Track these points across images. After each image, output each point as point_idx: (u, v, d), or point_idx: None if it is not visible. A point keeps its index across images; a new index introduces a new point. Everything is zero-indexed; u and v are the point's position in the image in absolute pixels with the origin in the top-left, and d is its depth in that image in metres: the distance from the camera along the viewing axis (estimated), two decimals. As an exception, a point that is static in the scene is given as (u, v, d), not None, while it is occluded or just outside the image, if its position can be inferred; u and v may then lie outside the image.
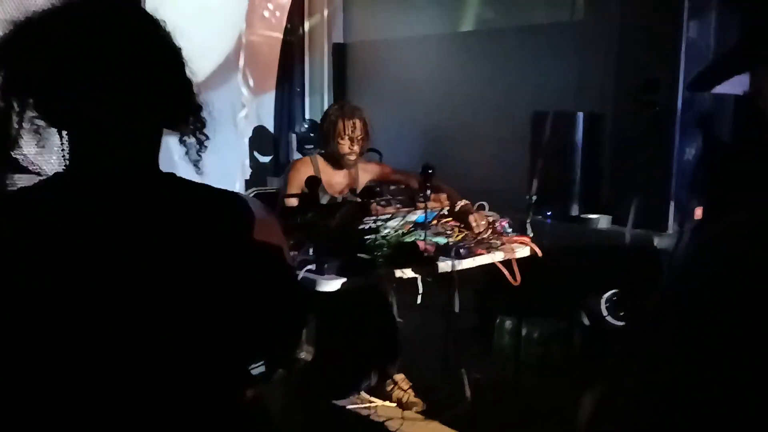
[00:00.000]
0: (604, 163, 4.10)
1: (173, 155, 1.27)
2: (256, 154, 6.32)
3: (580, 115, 4.13)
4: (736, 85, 0.81)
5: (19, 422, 1.07)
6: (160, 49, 1.14)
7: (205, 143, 1.25)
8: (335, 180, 3.43)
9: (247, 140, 6.23)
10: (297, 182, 3.29)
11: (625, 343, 0.79)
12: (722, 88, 0.85)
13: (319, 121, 3.64)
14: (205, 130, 1.25)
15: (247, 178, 6.20)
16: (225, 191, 1.22)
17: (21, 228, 1.07)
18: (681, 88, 3.29)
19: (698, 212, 3.13)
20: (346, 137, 3.35)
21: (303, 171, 3.34)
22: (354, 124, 3.36)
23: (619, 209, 3.82)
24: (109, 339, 1.08)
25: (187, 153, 1.24)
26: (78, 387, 1.07)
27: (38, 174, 1.23)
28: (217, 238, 1.16)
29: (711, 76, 0.88)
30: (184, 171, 1.22)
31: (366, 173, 3.52)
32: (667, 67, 3.36)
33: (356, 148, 3.37)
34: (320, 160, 3.44)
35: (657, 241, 3.53)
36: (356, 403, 3.39)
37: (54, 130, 1.13)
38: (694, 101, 3.28)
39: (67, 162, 1.14)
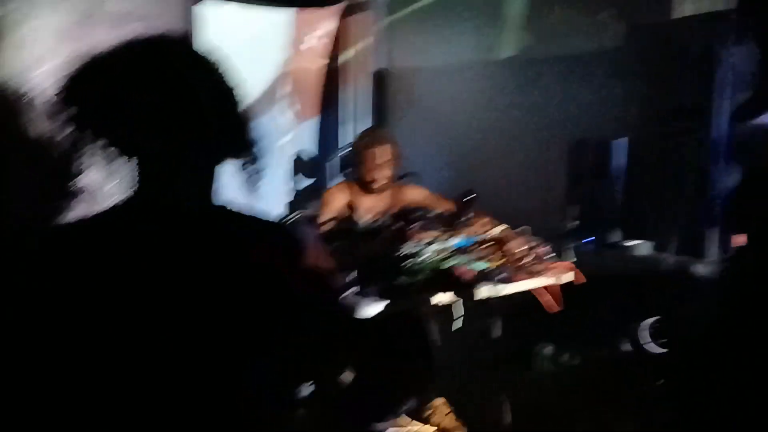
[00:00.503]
0: (645, 190, 4.07)
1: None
2: (300, 177, 6.42)
3: (621, 141, 4.12)
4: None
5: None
6: (220, 87, 1.21)
7: (261, 173, 1.31)
8: (369, 204, 3.48)
9: (291, 164, 6.34)
10: (333, 207, 3.36)
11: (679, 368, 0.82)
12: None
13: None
14: (261, 162, 1.31)
15: (291, 200, 6.29)
16: (272, 223, 1.28)
17: (89, 254, 1.14)
18: (719, 116, 3.28)
19: (738, 239, 3.09)
20: (374, 164, 3.40)
21: (338, 196, 3.41)
22: (382, 151, 3.41)
23: (661, 236, 3.79)
24: (161, 365, 1.13)
25: (243, 183, 1.30)
26: (127, 392, 1.13)
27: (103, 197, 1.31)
28: (262, 269, 1.20)
29: (756, 105, 0.92)
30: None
31: (400, 197, 3.57)
32: (706, 94, 3.35)
33: (385, 173, 3.41)
34: (354, 186, 3.51)
35: (698, 268, 3.49)
36: (396, 427, 3.40)
37: (117, 161, 1.20)
38: (732, 129, 3.26)
39: (130, 192, 1.20)
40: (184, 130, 1.15)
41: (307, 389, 1.45)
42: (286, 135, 6.29)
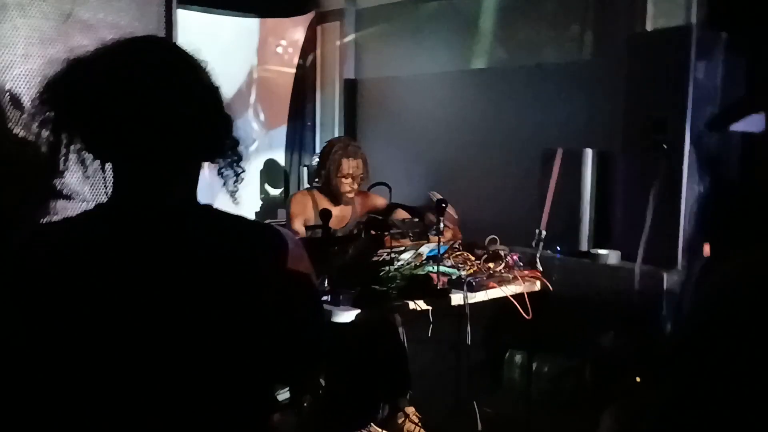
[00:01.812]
0: (613, 200, 4.15)
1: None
2: (267, 186, 6.39)
3: (589, 152, 4.19)
4: (754, 124, 0.87)
5: None
6: (202, 87, 1.20)
7: (242, 175, 1.31)
8: (335, 213, 3.49)
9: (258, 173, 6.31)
10: (300, 215, 3.39)
11: (651, 367, 0.84)
12: (741, 126, 0.90)
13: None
14: (242, 163, 1.31)
15: (257, 210, 6.26)
16: (260, 223, 1.27)
17: (63, 257, 1.12)
18: (688, 128, 3.35)
19: (706, 249, 3.16)
20: (349, 176, 3.44)
21: (304, 204, 3.43)
22: (357, 164, 3.46)
23: (629, 245, 3.85)
24: (142, 364, 1.12)
25: (224, 184, 1.30)
26: (111, 408, 1.11)
27: (83, 201, 1.29)
28: (252, 268, 1.20)
29: (729, 115, 0.94)
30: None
31: (361, 207, 3.61)
32: (675, 106, 3.42)
33: (356, 186, 3.47)
34: (317, 194, 3.52)
35: (666, 278, 3.56)
36: (367, 435, 3.40)
37: (98, 162, 1.18)
38: (701, 140, 3.34)
39: (110, 193, 1.19)
40: (159, 133, 1.14)
41: (282, 395, 1.45)
42: (252, 144, 6.27)
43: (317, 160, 3.67)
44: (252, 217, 5.98)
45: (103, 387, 1.11)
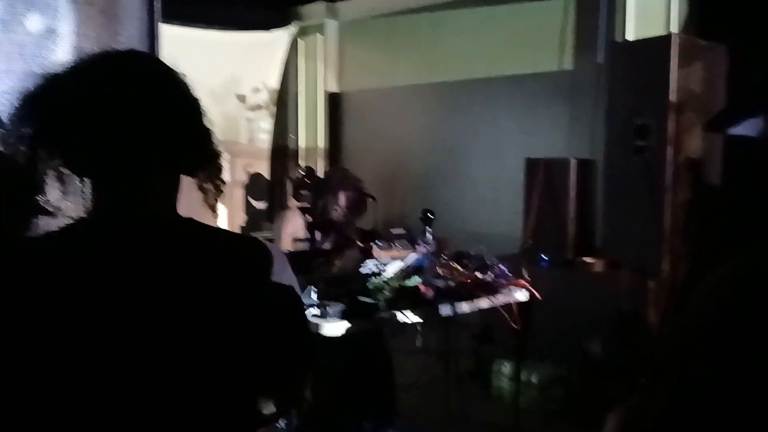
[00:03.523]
0: (597, 208, 4.17)
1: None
2: (251, 200, 6.38)
3: (573, 160, 4.22)
4: (751, 127, 0.87)
5: None
6: (180, 100, 1.19)
7: (222, 188, 1.29)
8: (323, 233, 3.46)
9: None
10: (288, 232, 3.36)
11: (650, 371, 0.84)
12: (739, 130, 0.90)
13: (314, 171, 3.70)
14: (222, 176, 1.30)
15: (243, 224, 6.24)
16: (243, 236, 1.26)
17: (43, 272, 1.11)
18: (670, 134, 3.38)
19: (691, 254, 3.19)
20: (340, 208, 3.40)
21: (294, 221, 3.40)
22: (348, 196, 3.42)
23: (613, 252, 3.87)
24: (125, 379, 1.10)
25: (205, 198, 1.28)
26: (95, 422, 1.10)
27: (65, 216, 1.27)
28: (235, 280, 1.19)
29: (726, 118, 0.95)
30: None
31: (350, 226, 3.56)
32: (656, 113, 3.45)
33: (351, 217, 3.42)
34: (308, 216, 3.48)
35: (651, 284, 3.58)
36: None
37: (77, 178, 1.17)
38: (683, 147, 3.36)
39: (90, 208, 1.17)
40: (138, 147, 1.13)
41: (268, 408, 1.43)
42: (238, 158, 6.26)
43: (304, 175, 3.65)
44: (238, 231, 5.99)
45: (85, 402, 1.09)
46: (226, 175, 1.32)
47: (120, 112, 1.11)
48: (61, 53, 1.80)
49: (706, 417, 0.73)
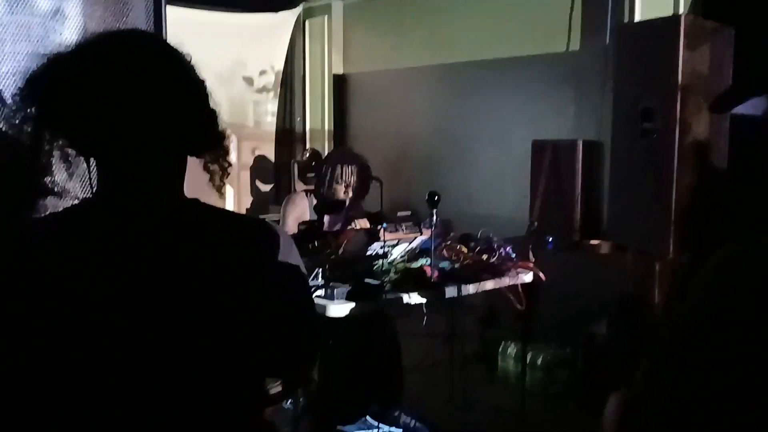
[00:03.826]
0: (603, 190, 4.16)
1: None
2: (257, 182, 6.38)
3: (579, 143, 4.21)
4: (755, 107, 0.87)
5: None
6: (185, 80, 1.19)
7: (228, 170, 1.29)
8: (326, 221, 3.46)
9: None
10: (295, 215, 3.35)
11: (651, 360, 0.84)
12: (743, 109, 0.90)
13: (320, 153, 3.69)
14: (228, 158, 1.30)
15: (249, 207, 6.25)
16: (249, 217, 1.26)
17: (49, 253, 1.11)
18: (678, 116, 3.36)
19: (698, 237, 3.18)
20: (342, 183, 3.39)
21: (300, 204, 3.40)
22: (351, 170, 3.39)
23: (620, 235, 3.87)
24: (132, 360, 1.11)
25: (210, 179, 1.28)
26: (106, 400, 1.11)
27: (72, 197, 1.28)
28: (241, 261, 1.19)
29: (730, 97, 0.94)
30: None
31: (356, 209, 3.55)
32: (664, 95, 3.43)
33: (350, 194, 3.40)
34: (312, 198, 3.48)
35: (656, 267, 3.57)
36: (363, 429, 3.40)
37: (82, 158, 1.17)
38: (690, 129, 3.34)
39: (95, 189, 1.18)
40: (143, 127, 1.13)
41: (274, 389, 1.44)
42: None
43: (308, 156, 3.65)
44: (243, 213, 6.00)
45: (92, 384, 1.10)
46: (232, 158, 1.33)
47: (124, 92, 1.11)
48: (68, 34, 1.80)
49: (707, 409, 0.74)
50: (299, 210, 3.42)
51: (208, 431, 1.17)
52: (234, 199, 6.07)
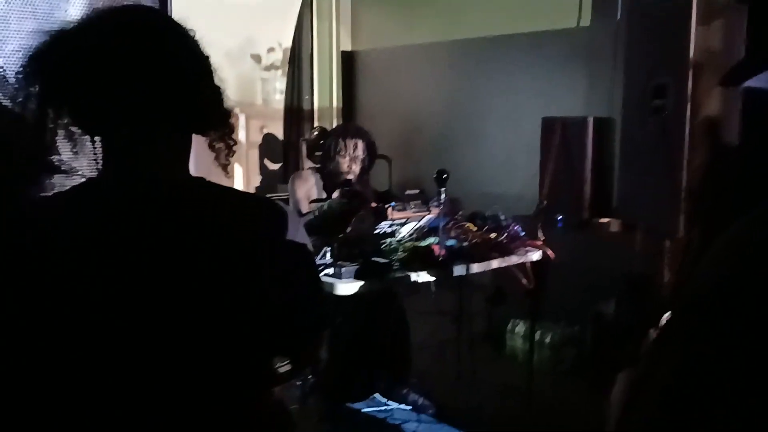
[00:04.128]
0: (614, 168, 4.13)
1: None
2: (266, 161, 6.37)
3: (590, 120, 4.17)
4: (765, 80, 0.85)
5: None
6: (190, 56, 1.17)
7: (234, 148, 1.28)
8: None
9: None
10: (303, 192, 3.35)
11: (659, 337, 0.83)
12: (754, 82, 0.88)
13: (327, 129, 3.67)
14: (234, 136, 1.28)
15: (258, 185, 6.24)
16: (255, 195, 1.25)
17: (55, 232, 1.11)
18: (690, 93, 3.31)
19: (709, 215, 3.15)
20: (347, 156, 3.37)
21: (308, 181, 3.39)
22: (356, 144, 3.38)
23: (629, 213, 3.85)
24: (141, 339, 1.11)
25: (216, 158, 1.27)
26: (111, 380, 1.11)
27: (78, 175, 1.28)
28: (249, 239, 1.18)
29: (741, 71, 0.93)
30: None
31: (364, 187, 3.54)
32: (676, 72, 3.38)
33: (355, 168, 3.38)
34: (319, 177, 3.47)
35: (666, 245, 3.55)
36: (372, 406, 3.42)
37: (87, 136, 1.17)
38: (702, 106, 3.30)
39: (100, 167, 1.17)
40: (147, 104, 1.12)
41: (283, 367, 1.44)
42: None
43: (316, 135, 3.64)
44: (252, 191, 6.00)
45: (102, 363, 1.10)
46: (240, 136, 1.32)
47: (128, 69, 1.10)
48: (73, 11, 1.79)
49: (711, 388, 0.73)
50: (307, 187, 3.42)
51: (217, 410, 1.17)
52: (243, 177, 6.06)
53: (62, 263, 1.09)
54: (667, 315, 2.09)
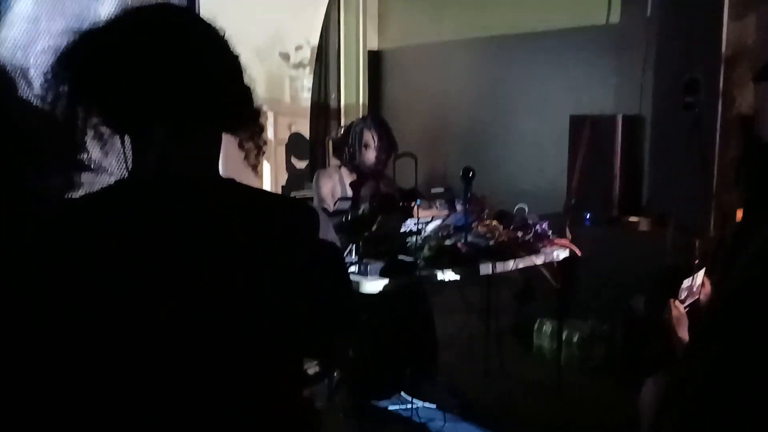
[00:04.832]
0: (643, 166, 4.08)
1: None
2: (293, 159, 6.39)
3: (619, 117, 4.13)
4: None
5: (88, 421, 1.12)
6: (219, 55, 1.17)
7: (264, 148, 1.28)
8: (361, 187, 3.47)
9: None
10: (328, 189, 3.37)
11: (695, 338, 0.82)
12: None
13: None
14: (261, 137, 1.28)
15: (284, 183, 6.27)
16: (285, 196, 1.25)
17: (89, 234, 1.11)
18: (721, 89, 3.27)
19: (739, 213, 3.09)
20: (373, 146, 3.40)
21: (333, 178, 3.41)
22: (380, 135, 3.42)
23: (659, 211, 3.80)
24: (175, 338, 1.11)
25: (246, 157, 1.27)
26: (144, 381, 1.11)
27: (107, 173, 1.28)
28: (281, 240, 1.18)
29: None
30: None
31: (389, 185, 3.55)
32: (707, 68, 3.34)
33: (383, 157, 3.42)
34: (344, 171, 3.49)
35: (698, 243, 3.50)
36: (397, 404, 3.42)
37: (117, 136, 1.17)
38: (734, 102, 3.25)
39: (130, 168, 1.17)
40: (178, 104, 1.11)
41: (312, 369, 1.44)
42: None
43: (342, 135, 3.65)
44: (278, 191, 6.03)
45: (134, 361, 1.11)
46: (269, 134, 1.31)
47: (157, 68, 1.09)
48: (102, 10, 1.80)
49: (747, 387, 0.71)
50: (332, 183, 3.44)
51: (248, 408, 1.17)
52: (271, 175, 6.09)
53: (97, 265, 1.08)
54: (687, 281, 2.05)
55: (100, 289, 1.09)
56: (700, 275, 2.70)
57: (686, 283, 2.62)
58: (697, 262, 2.77)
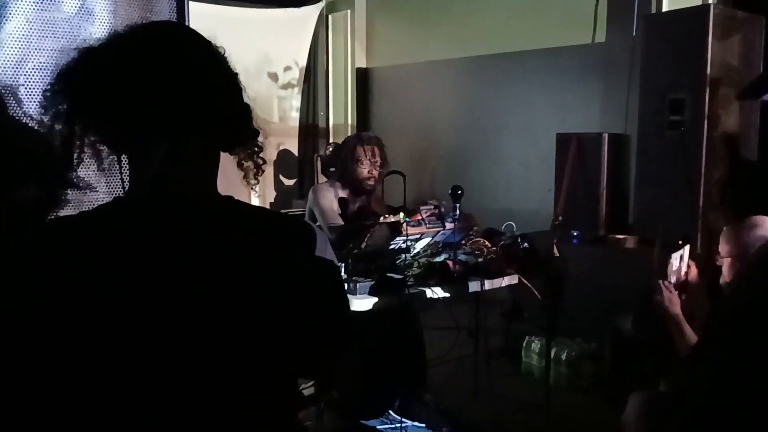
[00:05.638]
0: (630, 184, 4.12)
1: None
2: (281, 177, 6.40)
3: (605, 136, 4.17)
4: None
5: None
6: (218, 73, 1.17)
7: (263, 167, 1.28)
8: (352, 206, 3.48)
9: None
10: (327, 203, 3.38)
11: (688, 355, 0.83)
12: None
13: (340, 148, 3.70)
14: (262, 155, 1.28)
15: (272, 201, 6.27)
16: (283, 214, 1.25)
17: (84, 252, 1.10)
18: (706, 109, 3.31)
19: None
20: (366, 162, 3.42)
21: (325, 194, 3.43)
22: (373, 150, 3.44)
23: (646, 229, 3.82)
24: (169, 357, 1.10)
25: (245, 176, 1.27)
26: (141, 399, 1.10)
27: (95, 191, 1.27)
28: (279, 258, 1.17)
29: (760, 85, 0.93)
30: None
31: (377, 203, 3.57)
32: (692, 87, 3.38)
33: (375, 173, 3.44)
34: (338, 186, 3.51)
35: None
36: (386, 424, 3.40)
37: (114, 154, 1.17)
38: (719, 122, 3.29)
39: (127, 186, 1.16)
40: (176, 122, 1.11)
41: (307, 390, 1.42)
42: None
43: (331, 151, 3.67)
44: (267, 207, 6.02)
45: (129, 381, 1.10)
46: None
47: (157, 86, 1.09)
48: (93, 30, 1.81)
49: (745, 404, 0.72)
50: (330, 197, 3.45)
51: (242, 429, 1.16)
52: (258, 193, 6.09)
53: (95, 284, 1.07)
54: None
55: (96, 309, 1.08)
56: (686, 255, 2.72)
57: (674, 264, 2.65)
58: (681, 241, 2.78)
